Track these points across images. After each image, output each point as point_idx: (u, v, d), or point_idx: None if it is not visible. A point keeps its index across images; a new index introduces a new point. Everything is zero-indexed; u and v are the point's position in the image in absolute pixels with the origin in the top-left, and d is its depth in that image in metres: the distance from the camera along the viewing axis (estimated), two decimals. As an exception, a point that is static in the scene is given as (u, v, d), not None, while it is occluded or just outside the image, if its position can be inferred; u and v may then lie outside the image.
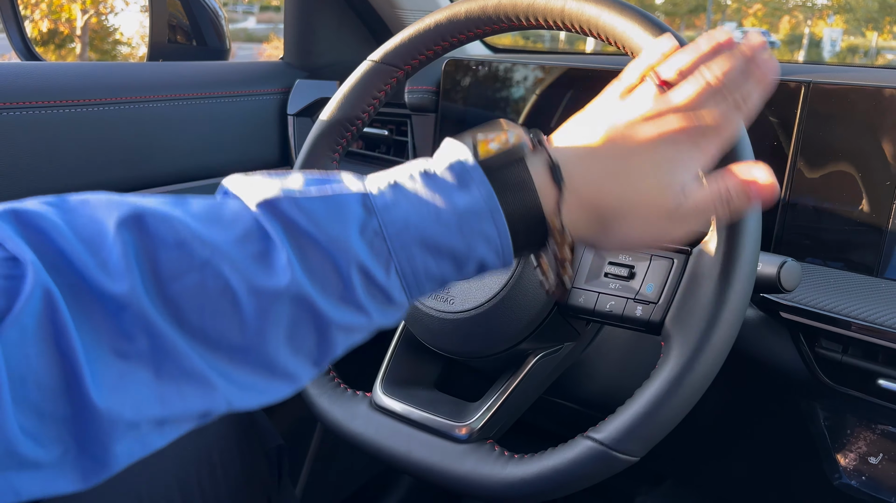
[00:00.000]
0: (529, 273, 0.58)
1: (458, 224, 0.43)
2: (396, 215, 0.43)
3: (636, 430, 0.51)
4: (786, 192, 0.72)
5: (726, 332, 0.51)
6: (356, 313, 0.43)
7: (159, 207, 0.40)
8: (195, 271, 0.39)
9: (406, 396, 0.64)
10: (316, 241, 0.42)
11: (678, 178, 0.45)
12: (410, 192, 0.44)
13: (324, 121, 0.74)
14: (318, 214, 0.42)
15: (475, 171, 0.44)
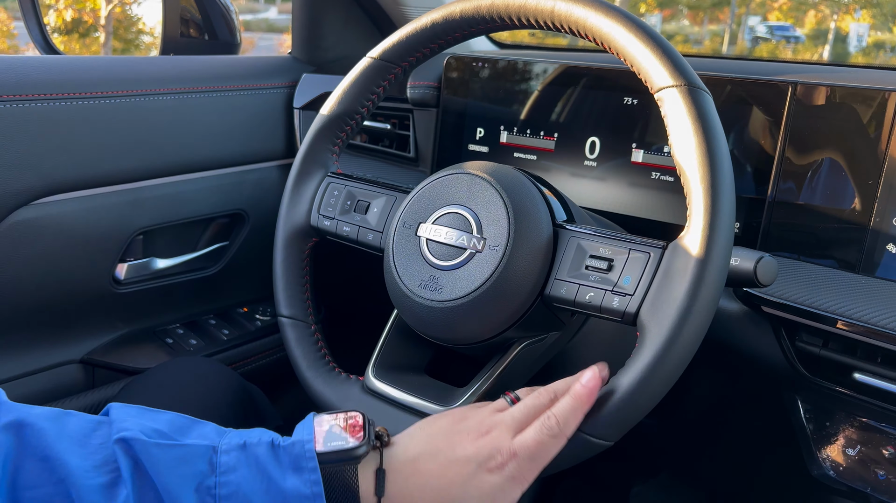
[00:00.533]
0: (514, 264, 0.60)
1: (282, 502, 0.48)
2: (232, 479, 0.48)
3: (611, 418, 0.54)
4: (773, 190, 0.74)
5: (697, 325, 0.53)
6: None
7: (39, 421, 0.48)
8: (50, 485, 0.46)
9: (396, 381, 0.67)
10: (154, 487, 0.47)
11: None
12: (252, 459, 0.49)
13: (324, 115, 0.76)
14: (162, 464, 0.48)
15: (311, 461, 0.49)
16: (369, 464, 0.51)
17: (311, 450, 0.50)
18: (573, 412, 0.53)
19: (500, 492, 0.51)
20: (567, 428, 0.53)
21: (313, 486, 0.48)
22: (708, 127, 0.55)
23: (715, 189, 0.54)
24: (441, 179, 0.67)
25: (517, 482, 0.52)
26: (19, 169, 0.76)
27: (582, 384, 0.54)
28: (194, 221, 0.94)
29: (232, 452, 0.50)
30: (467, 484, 0.51)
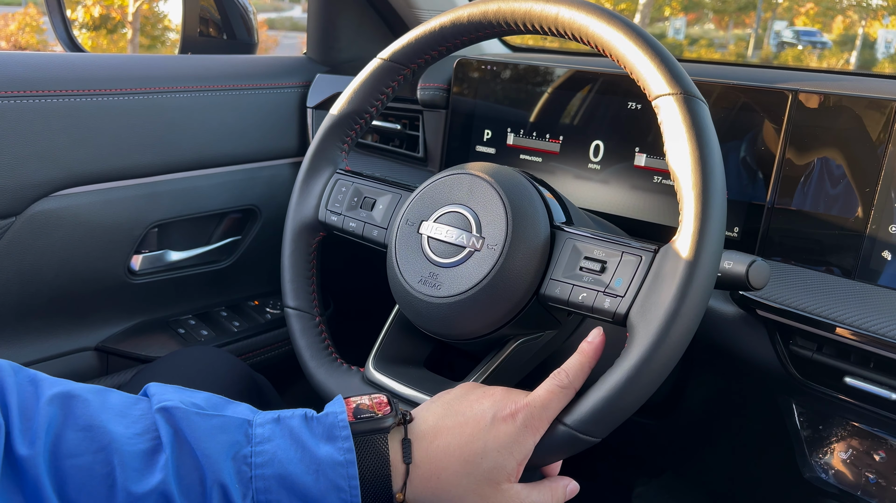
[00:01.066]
0: (511, 264, 0.62)
1: (317, 470, 0.51)
2: (268, 448, 0.52)
3: (598, 415, 0.56)
4: (772, 195, 0.75)
5: (684, 327, 0.54)
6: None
7: (85, 393, 0.51)
8: (90, 454, 0.49)
9: (395, 373, 0.69)
10: (192, 453, 0.50)
11: (515, 463, 0.54)
12: (286, 430, 0.53)
13: (334, 114, 0.79)
14: (201, 431, 0.51)
15: (344, 430, 0.53)
16: (395, 436, 0.54)
17: (343, 420, 0.53)
18: (580, 367, 0.58)
19: (515, 442, 0.55)
20: (576, 380, 0.57)
21: (346, 454, 0.51)
22: (701, 135, 0.56)
23: (706, 195, 0.55)
24: (444, 179, 0.68)
25: (530, 430, 0.55)
26: (41, 162, 0.79)
27: (588, 341, 0.59)
28: (208, 216, 0.97)
29: (267, 425, 0.53)
30: (486, 436, 0.54)
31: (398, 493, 0.53)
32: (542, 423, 0.56)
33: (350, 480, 0.51)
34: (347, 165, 0.80)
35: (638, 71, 0.60)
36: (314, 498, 0.51)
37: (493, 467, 0.54)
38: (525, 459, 0.56)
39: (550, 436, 0.57)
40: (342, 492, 0.51)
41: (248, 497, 0.50)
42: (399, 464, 0.53)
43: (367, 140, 1.07)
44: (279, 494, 0.51)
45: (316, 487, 0.51)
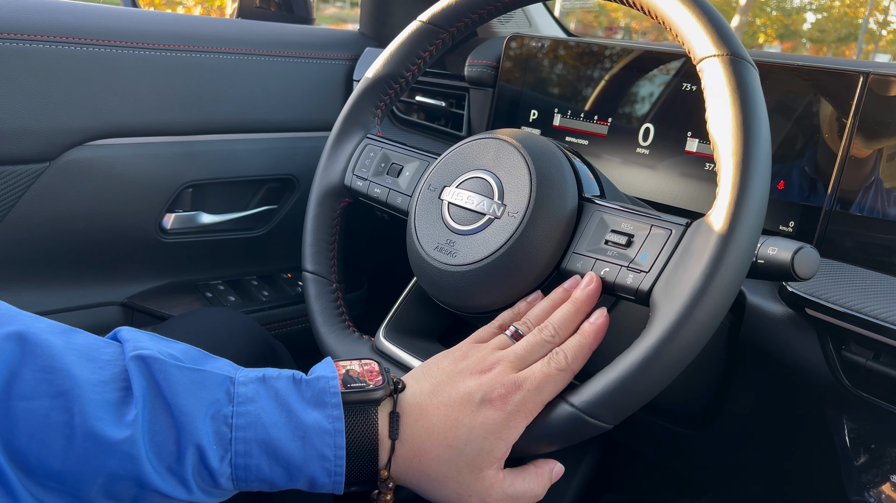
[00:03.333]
0: (531, 233, 0.58)
1: (303, 436, 0.47)
2: (251, 409, 0.47)
3: (610, 397, 0.50)
4: (834, 189, 0.68)
5: (711, 307, 0.49)
6: (180, 487, 0.46)
7: (45, 334, 0.45)
8: (48, 398, 0.43)
9: (406, 344, 0.66)
10: (168, 409, 0.46)
11: (501, 449, 0.50)
12: (272, 392, 0.48)
13: (369, 77, 0.76)
14: (180, 386, 0.46)
15: (334, 398, 0.49)
16: (384, 409, 0.51)
17: (335, 386, 0.50)
18: (581, 349, 0.53)
19: (505, 426, 0.50)
20: (575, 363, 0.52)
21: (335, 422, 0.48)
22: (747, 98, 0.51)
23: (747, 163, 0.50)
24: (470, 144, 0.65)
25: (522, 415, 0.50)
26: (78, 109, 0.80)
27: (590, 322, 0.54)
28: (244, 181, 0.96)
29: (250, 384, 0.49)
30: (472, 421, 0.50)
31: (383, 470, 0.50)
32: (535, 407, 0.51)
33: (337, 450, 0.48)
34: (379, 131, 0.77)
35: (682, 31, 0.55)
36: (296, 465, 0.48)
37: (476, 453, 0.50)
38: (512, 443, 0.51)
39: (553, 418, 0.52)
40: (327, 461, 0.48)
41: (225, 459, 0.47)
42: (385, 439, 0.50)
43: (412, 117, 1.04)
44: (259, 459, 0.47)
45: (300, 454, 0.48)
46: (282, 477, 0.48)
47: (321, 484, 0.49)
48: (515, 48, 0.93)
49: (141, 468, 0.45)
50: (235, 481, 0.48)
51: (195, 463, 0.46)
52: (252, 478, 0.48)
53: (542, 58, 0.91)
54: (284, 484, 0.49)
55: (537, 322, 0.55)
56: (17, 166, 0.77)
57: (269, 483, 0.48)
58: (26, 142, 0.77)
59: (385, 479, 0.50)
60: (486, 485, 0.51)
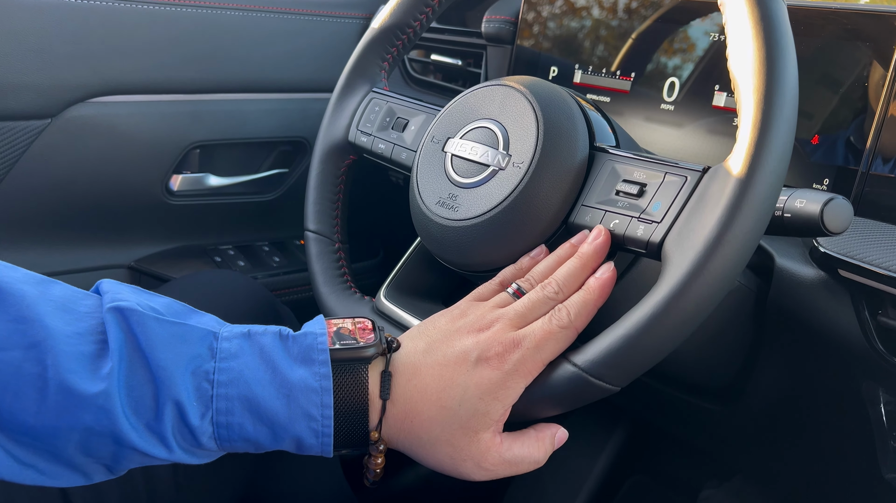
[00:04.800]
0: (537, 185, 0.54)
1: (288, 394, 0.45)
2: (234, 366, 0.45)
3: (615, 356, 0.46)
4: (872, 147, 0.62)
5: (727, 259, 0.44)
6: (159, 445, 0.44)
7: (20, 283, 0.43)
8: (20, 349, 0.42)
9: (407, 305, 0.63)
10: (146, 363, 0.43)
11: (498, 411, 0.47)
12: (257, 348, 0.46)
13: (374, 28, 0.73)
14: (158, 340, 0.44)
15: (322, 354, 0.46)
16: (376, 367, 0.48)
17: (323, 342, 0.47)
18: (585, 305, 0.49)
19: (502, 387, 0.47)
20: (578, 320, 0.48)
21: (322, 380, 0.46)
22: (772, 30, 0.46)
23: (770, 101, 0.45)
24: (476, 92, 0.61)
25: (520, 374, 0.47)
26: (79, 64, 0.78)
27: (596, 277, 0.50)
28: (254, 143, 0.94)
29: (234, 339, 0.47)
30: (467, 381, 0.47)
31: (373, 431, 0.47)
32: (534, 367, 0.47)
33: (324, 409, 0.46)
34: (386, 85, 0.74)
35: None
36: (281, 424, 0.45)
37: (471, 414, 0.47)
38: (510, 405, 0.48)
39: (555, 379, 0.48)
40: (313, 421, 0.46)
41: (206, 417, 0.45)
42: (376, 399, 0.47)
43: (428, 78, 1.01)
44: (242, 417, 0.45)
45: (285, 413, 0.45)
46: (266, 437, 0.46)
47: (308, 445, 0.47)
48: (535, 2, 0.88)
49: (117, 424, 0.43)
50: (218, 440, 0.46)
51: (174, 420, 0.44)
52: (235, 437, 0.46)
53: (562, 12, 0.87)
54: (270, 444, 0.47)
55: (541, 278, 0.52)
56: (18, 122, 0.75)
57: (253, 443, 0.46)
58: (26, 97, 0.75)
59: (375, 442, 0.47)
60: (481, 449, 0.48)
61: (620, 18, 0.82)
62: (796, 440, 0.81)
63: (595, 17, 0.84)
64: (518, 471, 0.50)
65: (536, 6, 0.88)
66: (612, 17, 0.83)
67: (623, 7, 0.82)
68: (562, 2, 0.86)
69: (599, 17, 0.84)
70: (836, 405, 0.70)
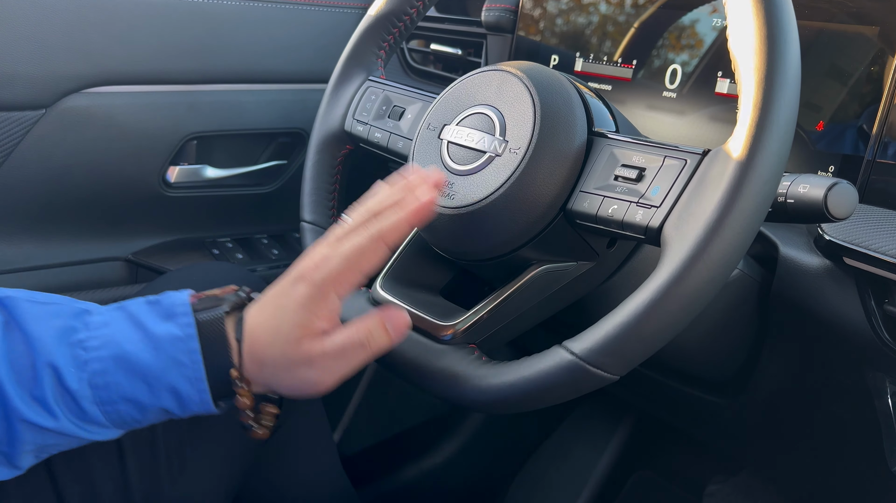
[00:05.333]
0: (534, 171, 0.53)
1: (155, 346, 0.49)
2: (106, 332, 0.49)
3: (613, 344, 0.45)
4: (878, 134, 0.61)
5: (727, 243, 0.43)
6: (44, 413, 0.47)
7: None
8: None
9: (404, 295, 0.61)
10: (23, 337, 0.48)
11: (314, 321, 0.49)
12: (126, 314, 0.50)
13: (371, 15, 0.72)
14: (31, 316, 0.48)
15: (183, 308, 0.51)
16: (233, 316, 0.52)
17: (184, 299, 0.52)
18: (398, 221, 0.50)
19: (316, 299, 0.49)
20: (389, 235, 0.50)
21: (186, 329, 0.50)
22: (773, 9, 0.45)
23: (771, 81, 0.44)
24: (472, 78, 0.60)
25: (332, 285, 0.50)
26: (74, 55, 0.77)
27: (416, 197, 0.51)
28: (252, 135, 0.93)
29: (106, 312, 0.51)
30: (287, 300, 0.50)
31: (233, 369, 0.51)
32: (345, 277, 0.50)
33: (192, 354, 0.50)
34: (383, 74, 0.73)
35: None
36: (154, 374, 0.49)
37: (292, 327, 0.50)
38: (330, 318, 0.51)
39: (551, 368, 0.47)
40: (184, 367, 0.49)
41: (83, 381, 0.48)
42: (234, 342, 0.51)
43: (428, 68, 1.00)
44: (116, 375, 0.48)
45: (155, 364, 0.49)
46: (144, 392, 0.49)
47: (186, 395, 0.50)
48: (535, -11, 0.87)
49: (5, 394, 0.46)
50: (100, 404, 0.49)
51: (53, 385, 0.47)
52: (115, 397, 0.49)
53: (566, 1, 0.85)
54: (149, 400, 0.49)
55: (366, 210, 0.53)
56: (12, 112, 0.75)
57: (133, 402, 0.49)
58: (20, 87, 0.75)
59: (239, 379, 0.51)
60: (304, 354, 0.50)
61: (622, 6, 0.81)
62: (802, 432, 0.80)
63: (595, 4, 0.83)
64: (355, 360, 0.51)
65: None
66: (613, 5, 0.81)
67: (635, 5, 0.80)
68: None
69: (600, 4, 0.82)
70: (841, 396, 0.69)
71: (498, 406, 0.50)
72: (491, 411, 0.58)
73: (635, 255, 0.62)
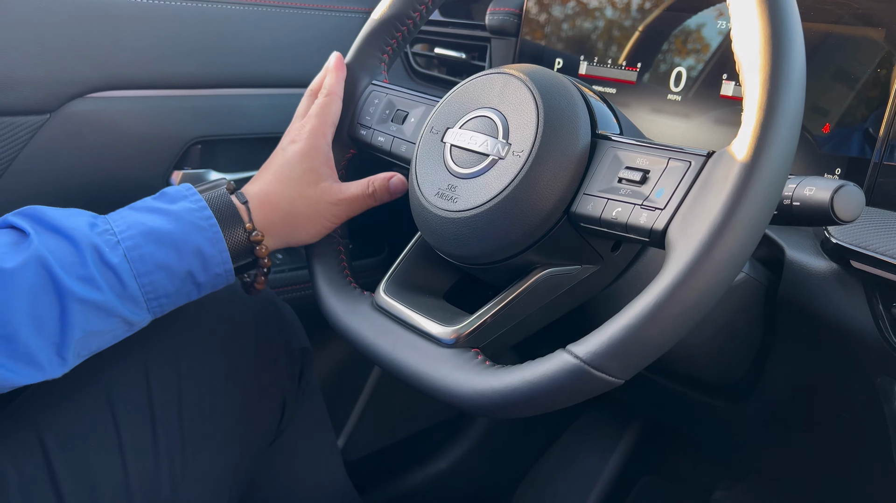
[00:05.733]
0: (537, 173, 0.52)
1: (176, 218, 0.58)
2: (126, 220, 0.57)
3: (616, 347, 0.45)
4: (885, 137, 0.60)
5: (733, 245, 0.43)
6: (92, 289, 0.53)
7: None
8: None
9: (407, 299, 0.61)
10: (56, 230, 0.54)
11: (319, 166, 0.66)
12: (140, 206, 0.59)
13: (374, 19, 0.72)
14: (56, 215, 0.55)
15: (189, 190, 0.61)
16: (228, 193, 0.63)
17: (188, 186, 0.62)
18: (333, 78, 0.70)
19: (310, 150, 0.66)
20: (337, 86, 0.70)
21: (198, 202, 0.60)
22: (777, 9, 0.44)
23: (776, 80, 0.43)
24: (475, 81, 0.60)
25: (315, 135, 0.66)
26: (78, 59, 0.77)
27: None
28: (256, 139, 0.93)
29: (118, 212, 0.58)
30: (286, 158, 0.66)
31: (248, 223, 0.61)
32: (321, 126, 0.67)
33: (208, 220, 0.59)
34: (386, 78, 0.73)
35: None
36: (181, 239, 0.57)
37: (303, 173, 0.65)
38: (328, 163, 0.67)
39: (555, 371, 0.47)
40: (203, 230, 0.58)
41: (120, 255, 0.55)
42: (240, 205, 0.62)
43: (431, 72, 0.99)
44: (148, 246, 0.56)
45: (179, 231, 0.57)
46: (173, 257, 0.57)
47: (209, 254, 0.58)
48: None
49: (53, 274, 0.52)
50: (136, 276, 0.55)
51: (97, 261, 0.54)
52: (150, 267, 0.56)
53: (566, 3, 0.85)
54: (178, 264, 0.57)
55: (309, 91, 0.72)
56: (16, 118, 0.75)
57: (165, 268, 0.56)
58: (24, 92, 0.75)
59: (253, 231, 0.61)
60: (324, 193, 0.65)
61: (627, 9, 0.80)
62: (809, 438, 0.79)
63: (599, 7, 0.82)
64: (358, 205, 0.67)
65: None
66: (617, 8, 0.81)
67: (642, 7, 0.80)
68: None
69: (604, 7, 0.82)
70: (849, 401, 0.68)
71: (501, 410, 0.50)
72: (494, 415, 0.58)
73: (640, 259, 0.61)
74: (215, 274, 0.60)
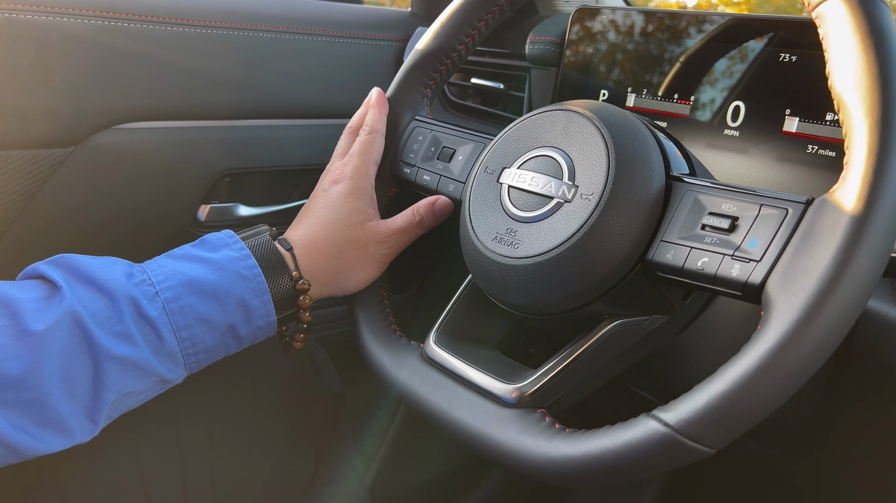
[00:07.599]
0: (610, 219, 0.48)
1: (219, 267, 0.54)
2: (164, 270, 0.53)
3: (712, 414, 0.41)
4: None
5: (843, 304, 0.39)
6: (128, 345, 0.49)
7: None
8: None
9: (460, 351, 0.57)
10: (90, 281, 0.50)
11: (363, 206, 0.62)
12: (176, 255, 0.55)
13: (418, 51, 0.68)
14: (91, 265, 0.52)
15: (231, 238, 0.57)
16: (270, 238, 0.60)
17: (230, 232, 0.58)
18: (375, 115, 0.66)
19: (353, 191, 0.62)
20: (376, 124, 0.66)
21: (242, 251, 0.56)
22: (883, 43, 0.41)
23: (887, 123, 0.39)
24: (534, 118, 0.56)
25: (359, 176, 0.63)
26: (105, 90, 0.74)
27: None
28: (285, 171, 0.89)
29: (154, 261, 0.55)
30: (329, 200, 0.62)
31: (294, 271, 0.58)
32: (363, 165, 0.63)
33: (252, 269, 0.55)
34: (429, 113, 0.69)
35: None
36: (224, 290, 0.53)
37: (348, 215, 0.61)
38: (372, 203, 0.63)
39: (641, 441, 0.42)
40: (248, 281, 0.55)
41: (159, 308, 0.51)
42: (285, 253, 0.59)
43: (467, 102, 0.96)
44: (189, 298, 0.52)
45: (222, 282, 0.53)
46: (216, 309, 0.53)
47: (253, 306, 0.55)
48: (582, 20, 0.84)
49: (87, 330, 0.48)
50: (176, 330, 0.51)
51: (134, 315, 0.50)
52: (190, 319, 0.52)
53: (613, 31, 0.82)
54: (220, 317, 0.53)
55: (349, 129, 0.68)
56: (41, 150, 0.71)
57: (207, 321, 0.53)
58: (49, 124, 0.71)
59: (299, 279, 0.58)
60: (371, 232, 0.61)
61: (676, 38, 0.77)
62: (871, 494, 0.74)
63: (648, 36, 0.79)
64: (407, 237, 0.63)
65: (584, 23, 0.83)
66: (667, 37, 0.77)
67: (679, 26, 0.77)
68: (612, 20, 0.81)
69: (653, 36, 0.79)
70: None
71: (579, 480, 0.45)
72: (567, 485, 0.53)
73: (709, 308, 0.57)
74: (258, 326, 0.56)
